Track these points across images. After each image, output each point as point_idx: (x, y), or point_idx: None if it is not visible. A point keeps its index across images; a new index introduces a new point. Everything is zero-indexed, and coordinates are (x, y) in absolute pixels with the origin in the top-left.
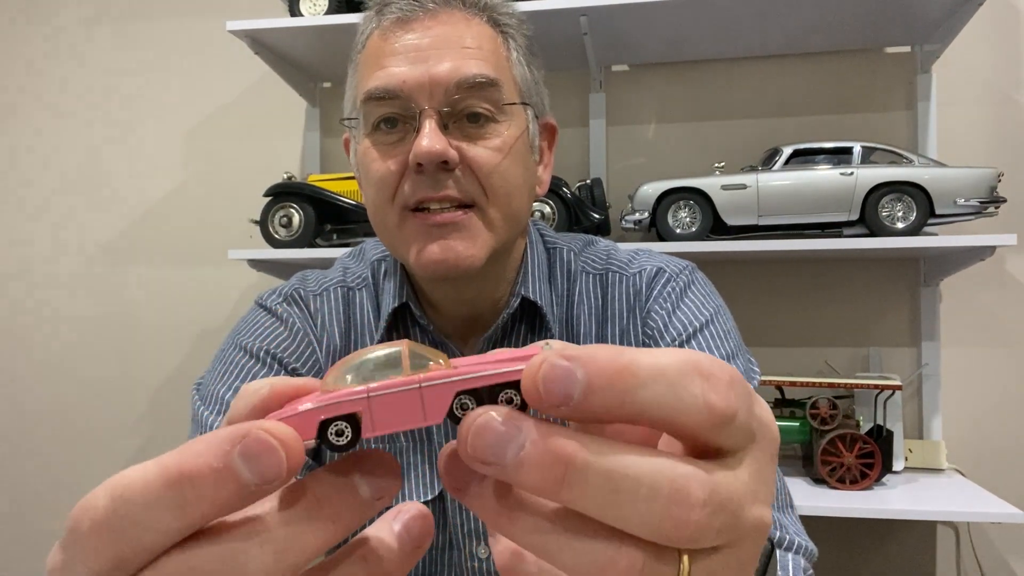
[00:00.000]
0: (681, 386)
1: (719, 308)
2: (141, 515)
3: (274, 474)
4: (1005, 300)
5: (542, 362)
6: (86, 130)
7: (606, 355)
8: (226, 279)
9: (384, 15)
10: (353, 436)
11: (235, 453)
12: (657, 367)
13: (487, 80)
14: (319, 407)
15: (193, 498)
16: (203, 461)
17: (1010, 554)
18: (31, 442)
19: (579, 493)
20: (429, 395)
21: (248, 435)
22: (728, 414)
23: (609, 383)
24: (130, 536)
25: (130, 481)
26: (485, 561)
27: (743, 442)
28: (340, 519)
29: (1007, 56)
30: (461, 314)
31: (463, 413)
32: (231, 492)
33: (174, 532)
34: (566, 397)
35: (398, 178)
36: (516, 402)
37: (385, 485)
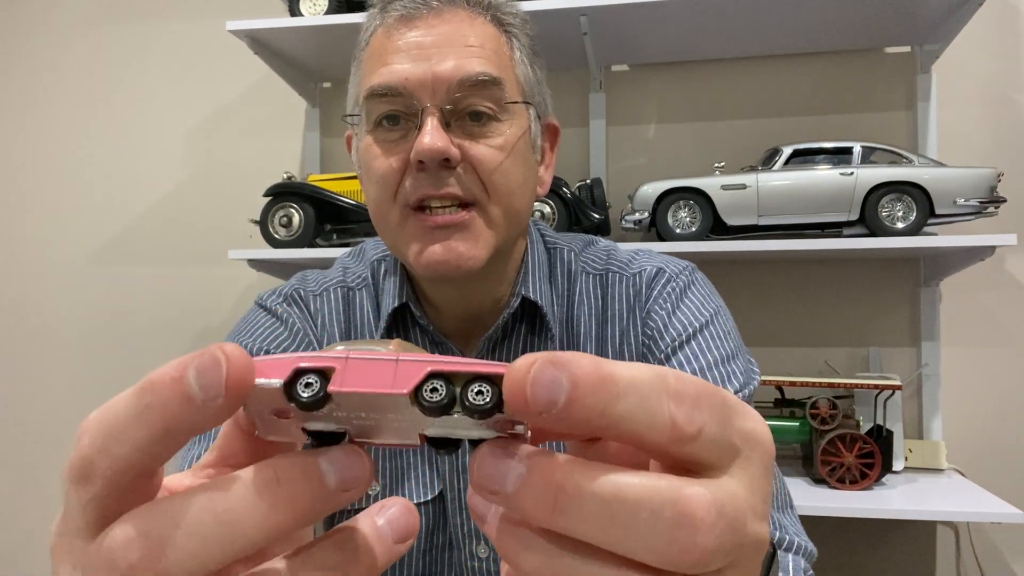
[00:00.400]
0: (652, 401)
1: (719, 308)
2: (115, 422)
3: (215, 389)
4: (1005, 300)
5: (530, 365)
6: (86, 130)
7: (588, 363)
8: (226, 279)
9: (388, 12)
10: (319, 391)
11: (191, 365)
12: (632, 380)
13: (490, 78)
14: (299, 356)
15: (153, 404)
16: (164, 372)
17: (1010, 554)
18: (31, 442)
19: (574, 519)
20: (404, 367)
21: (205, 352)
22: (690, 432)
23: (591, 391)
24: (104, 443)
25: (115, 397)
26: (485, 561)
27: (725, 457)
28: (298, 503)
29: (1007, 56)
30: (461, 314)
31: (431, 398)
32: (181, 403)
33: (140, 443)
34: (551, 403)
35: (400, 175)
36: (487, 395)
37: (353, 478)
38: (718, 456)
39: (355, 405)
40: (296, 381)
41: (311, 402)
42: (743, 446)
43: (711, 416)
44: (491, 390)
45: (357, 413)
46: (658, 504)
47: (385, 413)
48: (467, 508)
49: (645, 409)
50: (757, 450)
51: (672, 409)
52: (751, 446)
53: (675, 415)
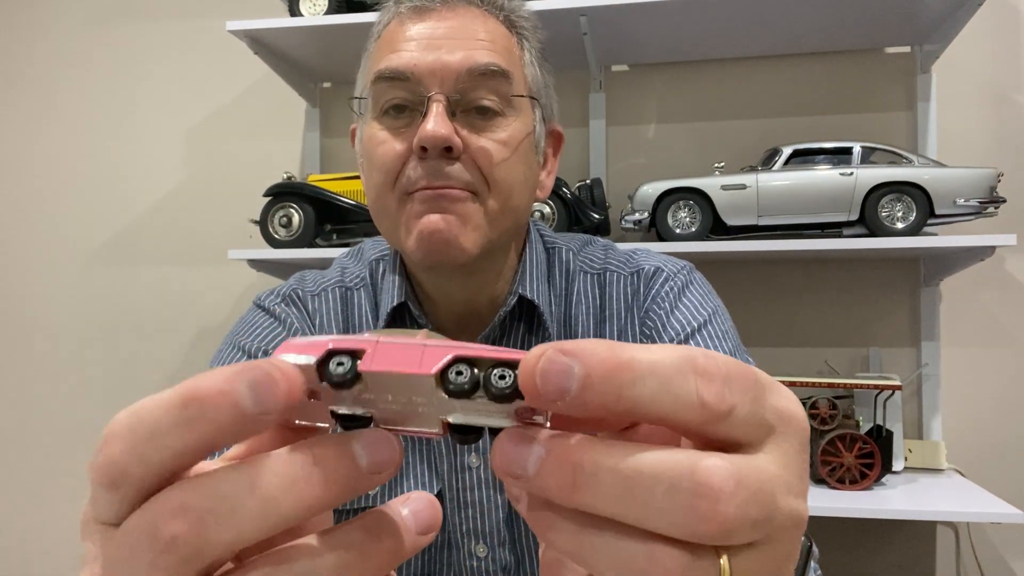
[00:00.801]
0: (675, 382)
1: (717, 308)
2: (151, 429)
3: (271, 403)
4: (1005, 300)
5: (540, 355)
6: (86, 130)
7: (604, 350)
8: (226, 279)
9: (402, 3)
10: (350, 369)
11: (241, 380)
12: (652, 363)
13: (498, 69)
14: (332, 338)
15: (198, 417)
16: (212, 383)
17: (1010, 554)
18: (31, 442)
19: (594, 496)
20: (430, 352)
21: (256, 367)
22: (722, 410)
23: (605, 378)
24: (135, 449)
25: (147, 400)
26: (483, 560)
27: (759, 434)
28: (334, 483)
29: (1007, 56)
30: (459, 312)
31: (455, 380)
32: (232, 416)
33: (178, 450)
34: (562, 391)
35: (402, 162)
36: (509, 380)
37: (384, 461)
38: (752, 434)
39: (383, 387)
40: (329, 360)
41: (343, 380)
42: (777, 423)
43: (743, 395)
44: (513, 375)
45: (384, 396)
46: (675, 476)
47: (411, 396)
48: (465, 508)
49: (669, 390)
50: (791, 426)
51: (700, 388)
52: (785, 423)
53: (703, 394)
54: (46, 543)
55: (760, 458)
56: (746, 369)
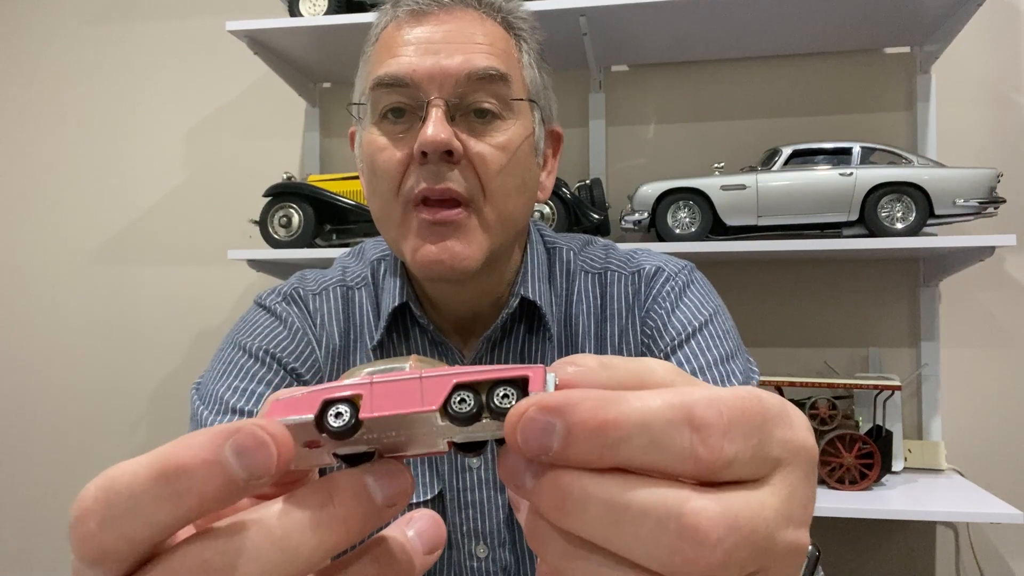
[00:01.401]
0: (667, 438)
1: (718, 308)
2: (129, 504)
3: (263, 469)
4: (1004, 300)
5: (523, 412)
6: (86, 130)
7: (591, 406)
8: (226, 279)
9: (400, 7)
10: (351, 419)
11: (227, 447)
12: (643, 418)
13: (497, 73)
14: (323, 388)
15: (183, 489)
16: (194, 453)
17: (1009, 554)
18: (30, 442)
19: (580, 522)
20: (428, 384)
21: (240, 430)
22: (719, 464)
23: (589, 436)
24: (118, 526)
25: (120, 472)
26: (484, 560)
27: (764, 470)
28: (352, 523)
29: (1007, 56)
30: (461, 313)
31: (459, 409)
32: (220, 485)
33: (163, 524)
34: (544, 448)
35: (403, 169)
36: (512, 399)
37: (397, 493)
38: (756, 472)
39: (385, 426)
40: (325, 413)
41: (343, 431)
42: (784, 456)
43: (745, 441)
44: (515, 393)
45: (387, 432)
46: (663, 515)
47: (414, 428)
48: (466, 508)
49: (660, 446)
50: (799, 456)
51: (695, 443)
52: (793, 454)
53: (698, 450)
54: (45, 544)
55: (762, 493)
56: (752, 408)
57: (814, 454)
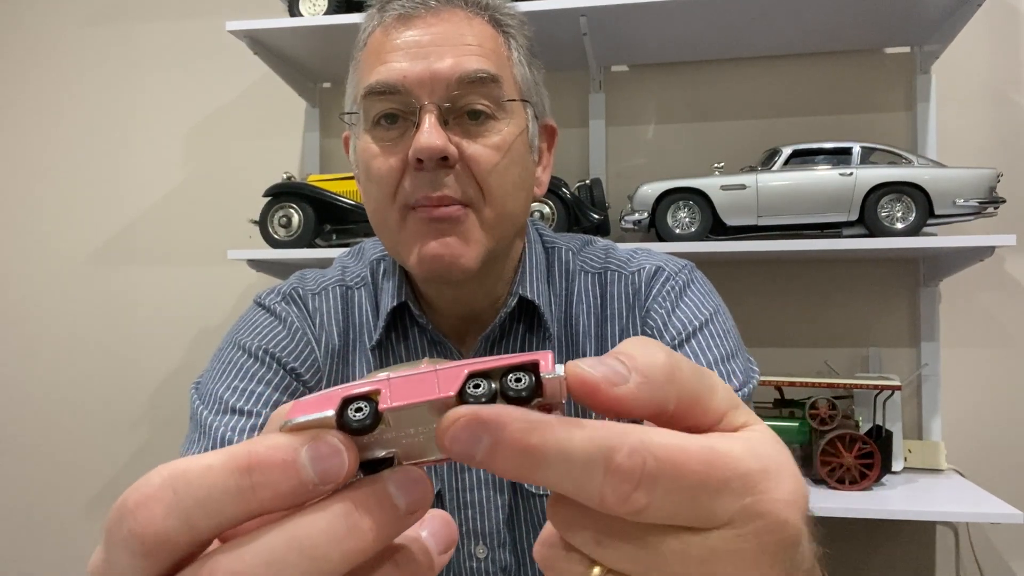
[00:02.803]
0: (581, 477)
1: (718, 307)
2: (201, 495)
3: (334, 475)
4: (1004, 300)
5: (456, 419)
6: (86, 130)
7: (518, 427)
8: (226, 279)
9: (386, 12)
10: (371, 413)
11: (304, 450)
12: (562, 451)
13: (488, 75)
14: (342, 388)
15: (258, 485)
16: (274, 453)
17: (1009, 554)
18: (31, 442)
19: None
20: (443, 375)
21: (319, 437)
22: (624, 510)
23: (509, 456)
24: (184, 516)
25: (190, 465)
26: (483, 561)
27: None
28: (378, 530)
29: (1007, 56)
30: (460, 313)
31: (475, 392)
32: (293, 486)
33: (229, 517)
34: (468, 455)
35: (399, 175)
36: (524, 382)
37: (419, 499)
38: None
39: (405, 421)
40: (346, 409)
41: (364, 425)
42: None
43: (667, 496)
44: (527, 376)
45: (406, 431)
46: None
47: (432, 424)
48: (465, 508)
49: (572, 481)
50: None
51: (604, 487)
52: (744, 519)
53: (604, 491)
54: (46, 544)
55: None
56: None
57: (783, 527)
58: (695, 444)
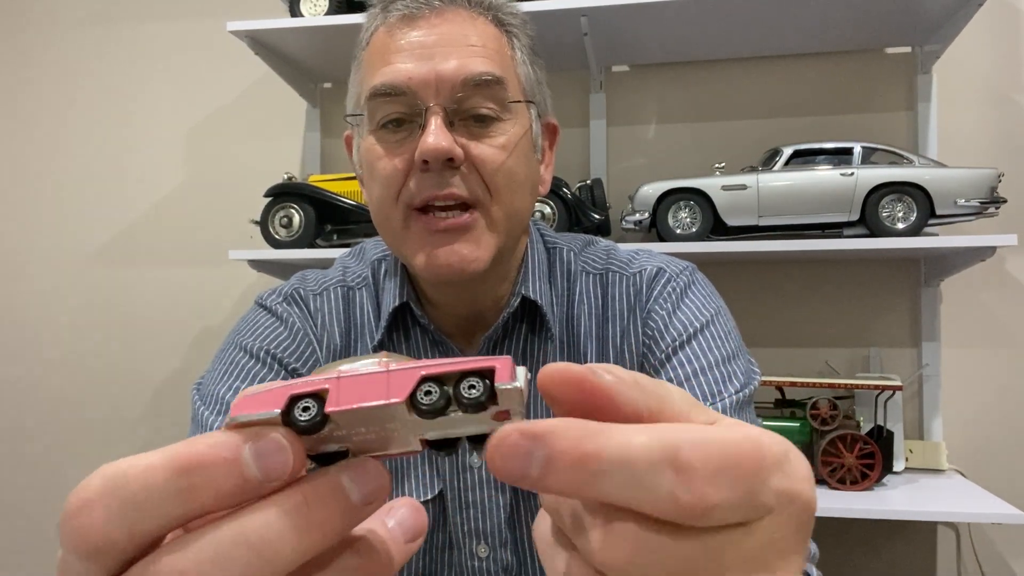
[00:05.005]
0: (648, 478)
1: (720, 309)
2: (138, 496)
3: (279, 472)
4: (1005, 300)
5: (505, 436)
6: (86, 130)
7: (574, 436)
8: (226, 279)
9: (390, 12)
10: (318, 413)
11: (246, 448)
12: (625, 455)
13: (493, 78)
14: (290, 384)
15: (199, 485)
16: (215, 451)
17: (1010, 554)
18: (31, 442)
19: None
20: (395, 377)
21: (261, 434)
22: (699, 510)
23: (569, 468)
24: (124, 518)
25: (128, 466)
26: (485, 560)
27: (749, 517)
28: (330, 523)
29: (1007, 56)
30: (462, 313)
31: (425, 401)
32: (235, 484)
33: (171, 518)
34: (523, 474)
35: (403, 176)
36: (479, 389)
37: (374, 491)
38: (740, 518)
39: (354, 421)
40: (292, 408)
41: (310, 425)
42: (776, 505)
43: (732, 490)
44: (482, 383)
45: (357, 429)
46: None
47: (384, 424)
48: (467, 508)
49: (640, 485)
50: (793, 506)
51: (676, 487)
52: (785, 503)
53: (678, 494)
54: (46, 544)
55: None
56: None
57: (810, 506)
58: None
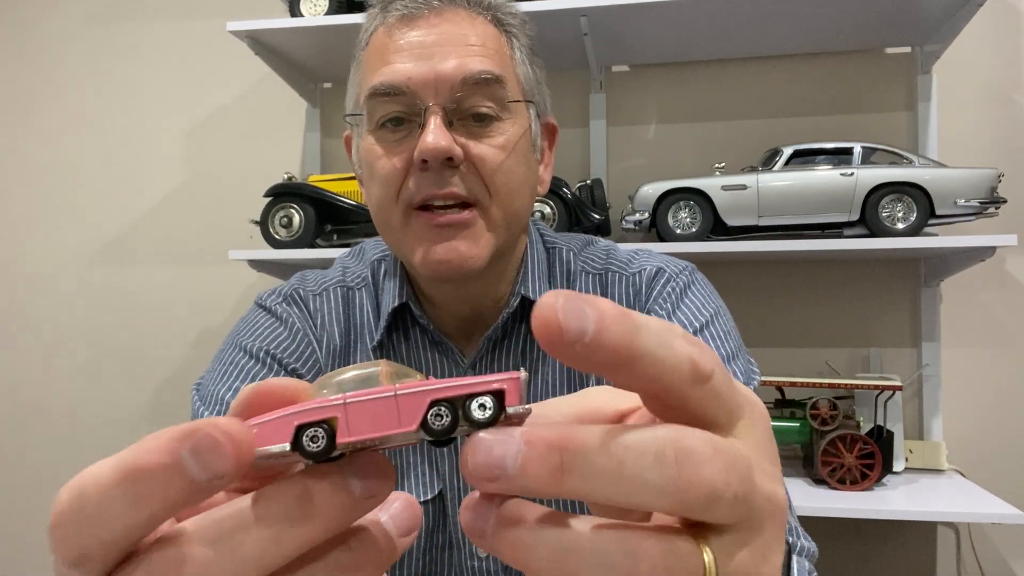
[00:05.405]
0: (669, 339)
1: (719, 308)
2: (95, 509)
3: (222, 469)
4: (1005, 300)
5: (557, 298)
6: (86, 130)
7: (604, 300)
8: (226, 279)
9: (389, 12)
10: (328, 442)
11: (184, 448)
12: (648, 320)
13: (492, 77)
14: (295, 411)
15: (144, 492)
16: (152, 456)
17: (1010, 555)
18: (31, 442)
19: (584, 476)
20: (404, 402)
21: (197, 431)
22: (705, 371)
23: (616, 322)
24: (88, 530)
25: (87, 476)
26: (485, 560)
27: (730, 416)
28: (330, 515)
29: (1007, 57)
30: (461, 313)
31: (437, 425)
32: (180, 487)
33: (130, 527)
34: (581, 332)
35: (403, 175)
36: (490, 409)
37: (377, 485)
38: (725, 412)
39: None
40: (300, 436)
41: (321, 453)
42: (745, 405)
43: (716, 363)
44: (492, 403)
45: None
46: (660, 446)
47: (389, 440)
48: None
49: (664, 344)
50: (756, 411)
51: (688, 347)
52: (751, 407)
53: (692, 352)
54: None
55: (732, 440)
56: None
57: (767, 413)
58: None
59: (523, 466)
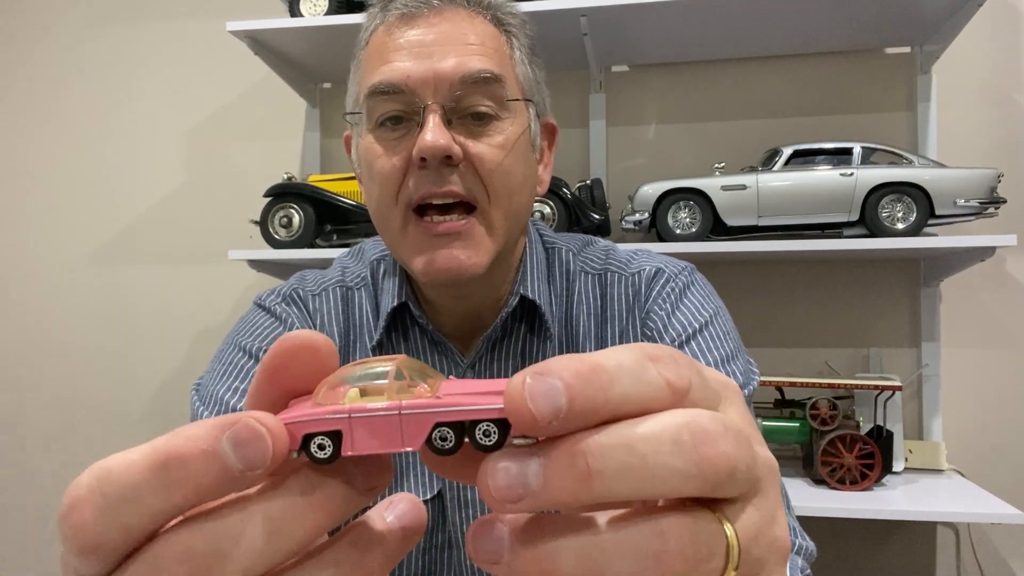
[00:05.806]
0: (643, 372)
1: (718, 309)
2: (125, 492)
3: (259, 461)
4: (1005, 301)
5: (521, 383)
6: (86, 130)
7: (572, 361)
8: (226, 279)
9: (389, 11)
10: (334, 451)
11: (224, 438)
12: (618, 361)
13: (491, 75)
14: (305, 421)
15: (179, 479)
16: (193, 444)
17: (1010, 555)
18: (31, 442)
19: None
20: (408, 422)
21: (238, 422)
22: (682, 386)
23: (587, 384)
24: (112, 514)
25: (114, 463)
26: None
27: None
28: (332, 506)
29: (1007, 57)
30: (461, 313)
31: (441, 446)
32: (216, 476)
33: (157, 513)
34: (556, 410)
35: (402, 175)
36: (493, 435)
37: (377, 476)
38: (709, 401)
39: None
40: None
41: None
42: (721, 390)
43: (689, 369)
44: (496, 429)
45: None
46: (676, 432)
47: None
48: (466, 507)
49: (639, 381)
50: (731, 389)
51: (662, 371)
52: (726, 387)
53: (666, 375)
54: (46, 544)
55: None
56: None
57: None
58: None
59: (547, 479)
